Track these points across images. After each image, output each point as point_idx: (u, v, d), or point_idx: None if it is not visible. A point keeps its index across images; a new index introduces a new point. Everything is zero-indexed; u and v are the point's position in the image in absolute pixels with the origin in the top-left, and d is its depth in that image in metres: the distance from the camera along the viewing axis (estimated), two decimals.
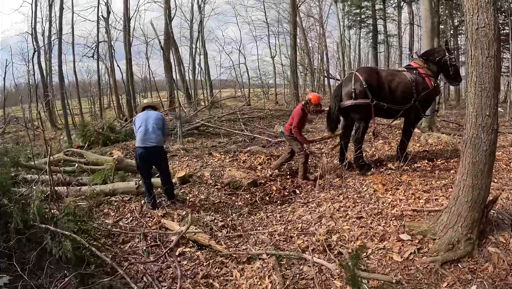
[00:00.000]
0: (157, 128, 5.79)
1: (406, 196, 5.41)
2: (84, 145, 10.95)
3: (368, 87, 6.69)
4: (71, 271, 3.69)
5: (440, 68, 7.07)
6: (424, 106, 7.14)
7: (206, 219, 5.54)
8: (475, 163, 3.71)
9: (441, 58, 6.99)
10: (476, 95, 3.56)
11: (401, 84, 6.90)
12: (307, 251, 4.31)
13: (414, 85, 6.87)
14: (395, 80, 6.93)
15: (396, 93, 6.86)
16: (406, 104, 6.87)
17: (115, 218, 5.66)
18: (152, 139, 5.70)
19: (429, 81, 6.95)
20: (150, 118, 5.85)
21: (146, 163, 5.86)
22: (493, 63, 3.44)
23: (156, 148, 5.75)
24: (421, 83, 6.95)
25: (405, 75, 7.02)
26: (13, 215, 3.85)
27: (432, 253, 3.93)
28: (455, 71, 7.07)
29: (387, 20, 25.62)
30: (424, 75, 6.99)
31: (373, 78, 6.82)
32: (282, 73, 29.47)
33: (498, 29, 3.49)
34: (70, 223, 4.08)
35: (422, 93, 6.87)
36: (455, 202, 3.94)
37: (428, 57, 7.22)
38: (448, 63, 6.96)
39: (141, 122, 5.82)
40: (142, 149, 5.74)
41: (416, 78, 6.95)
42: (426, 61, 7.15)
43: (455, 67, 7.08)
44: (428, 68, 7.06)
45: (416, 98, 6.86)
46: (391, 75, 7.06)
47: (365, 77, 6.76)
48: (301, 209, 5.69)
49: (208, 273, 4.15)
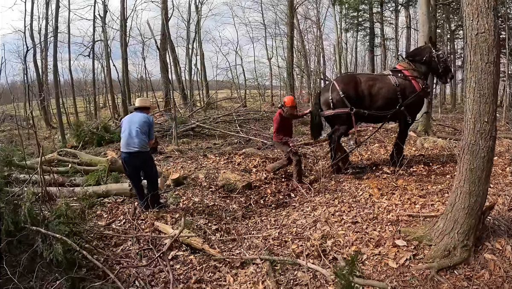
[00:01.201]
0: (141, 132, 5.60)
1: (402, 200, 5.38)
2: (78, 144, 10.87)
3: (345, 96, 6.62)
4: (62, 275, 3.65)
5: (428, 67, 6.92)
6: (413, 109, 6.98)
7: (199, 222, 5.47)
8: (472, 170, 3.67)
9: (428, 56, 6.82)
10: (475, 101, 3.52)
11: (383, 89, 6.76)
12: (301, 256, 4.25)
13: (400, 90, 6.72)
14: (376, 86, 6.79)
15: (378, 99, 6.74)
16: (390, 109, 6.74)
17: (108, 220, 5.59)
18: (135, 144, 5.54)
19: (416, 84, 6.79)
20: (135, 122, 5.67)
21: (130, 168, 5.72)
22: (493, 69, 3.41)
23: (139, 153, 5.58)
24: (408, 87, 6.79)
25: (389, 80, 6.86)
26: (4, 216, 3.79)
27: (428, 260, 3.89)
28: (444, 67, 6.87)
29: (384, 24, 25.66)
30: (411, 78, 6.82)
31: (350, 87, 6.72)
32: (278, 75, 29.52)
33: (498, 35, 3.45)
34: (61, 226, 4.02)
35: (410, 97, 6.73)
36: (452, 208, 3.90)
37: (414, 57, 7.07)
38: (436, 59, 6.78)
39: (126, 126, 5.68)
40: (125, 154, 5.61)
41: (401, 82, 6.79)
42: (413, 62, 7.00)
43: (445, 62, 6.88)
44: (415, 69, 6.90)
45: (402, 103, 6.72)
46: (372, 81, 6.90)
47: (342, 87, 6.69)
48: (296, 213, 5.64)
49: (201, 277, 4.08)
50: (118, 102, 20.41)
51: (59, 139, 13.68)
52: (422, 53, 6.95)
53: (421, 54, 6.96)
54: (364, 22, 25.74)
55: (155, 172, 5.94)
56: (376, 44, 25.49)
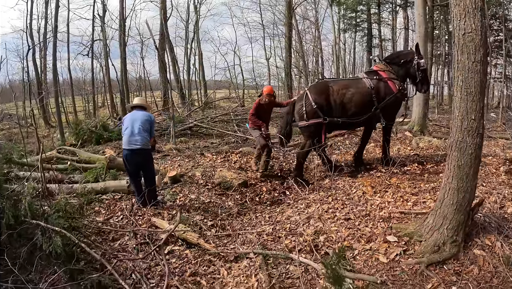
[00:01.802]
0: (143, 130, 5.71)
1: (395, 198, 5.46)
2: (77, 143, 10.95)
3: (318, 107, 6.56)
4: (61, 267, 3.71)
5: (407, 72, 6.83)
6: (390, 111, 6.88)
7: (195, 218, 5.56)
8: (460, 166, 3.77)
9: (408, 61, 6.73)
10: (462, 99, 3.62)
11: (357, 94, 6.65)
12: (294, 251, 4.34)
13: (375, 92, 6.62)
14: (349, 92, 6.67)
15: (351, 106, 6.64)
16: (367, 113, 6.65)
17: (106, 216, 5.68)
18: (138, 142, 5.64)
19: (393, 85, 6.69)
20: (137, 120, 5.77)
21: (132, 165, 5.81)
22: (479, 68, 3.50)
23: (142, 150, 5.68)
24: (383, 89, 6.70)
25: (363, 83, 6.75)
26: (5, 210, 3.87)
27: (418, 255, 3.97)
28: (423, 76, 6.78)
29: (382, 25, 25.80)
30: (387, 79, 6.72)
31: (322, 97, 6.64)
32: (276, 75, 29.55)
33: (485, 34, 3.55)
34: (60, 220, 4.10)
35: (386, 99, 6.65)
36: (441, 204, 3.99)
37: (392, 60, 7.00)
38: (416, 67, 6.68)
39: (128, 124, 5.78)
40: (127, 151, 5.70)
41: (377, 84, 6.69)
42: (390, 64, 6.91)
43: (424, 72, 6.78)
44: (391, 71, 6.81)
45: (378, 106, 6.64)
46: (345, 87, 6.75)
47: (314, 97, 6.62)
48: (290, 210, 5.73)
49: (196, 271, 4.18)
50: (117, 102, 20.47)
51: (57, 138, 13.76)
52: (403, 57, 6.88)
53: (401, 58, 6.90)
54: (362, 23, 25.88)
55: (153, 169, 6.04)
56: (374, 45, 25.60)
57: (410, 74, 6.84)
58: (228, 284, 3.89)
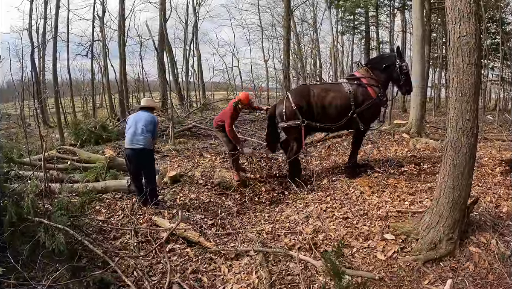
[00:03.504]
0: (146, 130, 5.80)
1: (392, 198, 5.55)
2: (77, 143, 10.98)
3: (297, 109, 6.60)
4: (63, 264, 3.76)
5: (389, 76, 6.82)
6: (367, 116, 6.85)
7: (196, 217, 5.64)
8: (455, 165, 3.86)
9: (390, 65, 6.72)
10: (457, 100, 3.72)
11: (336, 98, 6.67)
12: (293, 249, 4.42)
13: (353, 97, 6.62)
14: (328, 95, 6.70)
15: (330, 109, 6.66)
16: (344, 117, 6.66)
17: (107, 215, 5.74)
18: (140, 142, 5.73)
19: (372, 91, 6.68)
20: (141, 120, 5.86)
21: (133, 164, 5.89)
22: (474, 70, 3.60)
23: (144, 150, 5.77)
24: (362, 94, 6.68)
25: (342, 88, 6.77)
26: (8, 208, 3.92)
27: (415, 252, 4.07)
28: (406, 79, 6.76)
29: (380, 27, 25.86)
30: (367, 85, 6.71)
31: (302, 99, 6.69)
32: (274, 77, 29.62)
33: (479, 38, 3.65)
34: (63, 217, 4.17)
35: (364, 104, 6.64)
36: (437, 202, 4.09)
37: (374, 64, 6.99)
38: (398, 70, 6.66)
39: (131, 124, 5.88)
40: (129, 150, 5.80)
41: (355, 89, 6.69)
42: (372, 69, 6.88)
43: (406, 75, 6.75)
44: (372, 77, 6.78)
45: (355, 111, 6.63)
46: (325, 91, 6.78)
47: (294, 99, 6.69)
48: (289, 210, 5.81)
49: (197, 268, 4.26)
50: (115, 102, 20.49)
51: (56, 138, 13.78)
52: (384, 62, 6.87)
53: (383, 62, 6.87)
54: (360, 26, 25.93)
55: (154, 169, 6.13)
56: (371, 47, 25.66)
57: (393, 78, 6.84)
58: (229, 281, 3.97)
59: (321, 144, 9.52)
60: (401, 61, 6.69)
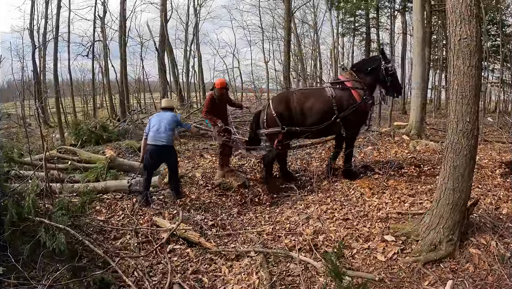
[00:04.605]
0: (169, 129, 6.19)
1: (392, 199, 5.56)
2: (77, 143, 10.98)
3: (277, 116, 6.60)
4: (64, 264, 3.76)
5: (375, 78, 6.70)
6: (353, 121, 6.70)
7: (196, 218, 5.64)
8: (456, 167, 3.88)
9: (375, 68, 6.62)
10: (457, 102, 3.74)
11: (317, 102, 6.60)
12: (294, 250, 4.43)
13: (336, 101, 6.53)
14: (309, 101, 6.64)
15: (311, 114, 6.59)
16: (326, 122, 6.56)
17: (107, 215, 5.74)
18: (163, 138, 6.09)
19: (357, 94, 6.57)
20: (164, 119, 6.28)
21: (155, 160, 6.19)
22: (474, 73, 3.62)
23: (166, 147, 6.14)
24: (345, 98, 6.57)
25: (324, 92, 6.69)
26: (8, 208, 3.93)
27: (415, 253, 4.08)
28: (393, 81, 6.65)
29: (380, 29, 25.88)
30: (351, 88, 6.61)
31: (282, 106, 6.67)
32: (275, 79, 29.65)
33: (480, 40, 3.67)
34: (64, 217, 4.18)
35: (348, 109, 6.52)
36: (437, 204, 4.10)
37: (359, 68, 6.88)
38: (384, 72, 6.57)
39: (155, 122, 6.27)
40: (153, 146, 6.11)
41: (338, 94, 6.60)
42: (357, 72, 6.78)
43: (393, 76, 6.65)
44: (357, 80, 6.67)
45: (338, 115, 6.53)
46: (306, 96, 6.74)
47: (275, 106, 6.69)
48: (289, 211, 5.82)
49: (198, 269, 4.27)
50: (116, 103, 20.49)
51: (57, 138, 13.79)
52: (369, 64, 6.79)
53: (368, 65, 6.80)
54: (361, 27, 25.98)
55: (176, 164, 6.52)
56: (372, 49, 25.69)
57: (379, 81, 6.73)
58: (229, 282, 3.98)
59: (321, 146, 9.53)
60: (386, 63, 6.60)
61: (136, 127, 12.30)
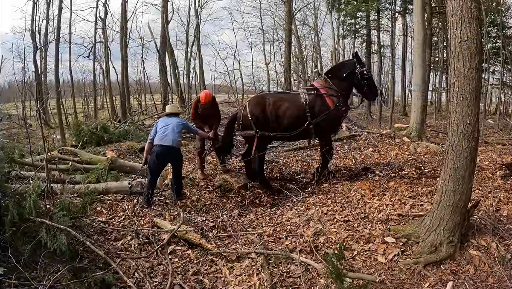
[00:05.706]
0: (177, 131, 6.28)
1: (393, 201, 5.56)
2: (78, 144, 10.98)
3: (252, 119, 6.63)
4: (65, 265, 3.76)
5: (350, 83, 6.75)
6: (326, 127, 6.78)
7: (197, 219, 5.65)
8: (456, 169, 3.88)
9: (350, 73, 6.62)
10: (458, 104, 3.75)
11: (291, 108, 6.63)
12: (294, 252, 4.43)
13: (309, 108, 6.57)
14: (283, 106, 6.66)
15: (284, 119, 6.63)
16: (299, 127, 6.62)
17: (108, 216, 5.75)
18: (171, 140, 6.16)
19: (330, 101, 6.59)
20: (171, 122, 6.36)
21: (160, 161, 6.22)
22: (475, 75, 3.64)
23: (173, 149, 6.20)
24: (319, 105, 6.64)
25: (298, 98, 6.71)
26: (9, 208, 3.94)
27: (416, 255, 4.08)
28: (369, 84, 6.68)
29: (381, 31, 25.86)
30: (325, 95, 6.63)
31: (257, 109, 6.69)
32: (276, 80, 29.69)
33: (480, 42, 3.68)
34: (65, 218, 4.18)
35: (321, 115, 6.56)
36: (438, 206, 4.11)
37: (333, 73, 6.86)
38: (359, 76, 6.59)
39: (163, 125, 6.36)
40: (160, 147, 6.15)
41: (312, 100, 6.63)
42: (331, 78, 6.75)
43: (369, 80, 6.68)
44: (331, 87, 6.70)
45: (311, 121, 6.58)
46: (280, 101, 6.74)
47: (250, 109, 6.71)
48: (290, 212, 5.82)
49: (198, 270, 4.26)
50: (117, 104, 20.51)
51: (57, 138, 13.80)
52: (343, 70, 6.80)
53: (342, 70, 6.80)
54: (361, 29, 25.94)
55: (181, 166, 6.62)
56: (372, 51, 25.67)
57: (355, 86, 6.77)
58: (230, 283, 3.98)
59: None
60: (361, 67, 6.62)
61: (137, 129, 12.28)
